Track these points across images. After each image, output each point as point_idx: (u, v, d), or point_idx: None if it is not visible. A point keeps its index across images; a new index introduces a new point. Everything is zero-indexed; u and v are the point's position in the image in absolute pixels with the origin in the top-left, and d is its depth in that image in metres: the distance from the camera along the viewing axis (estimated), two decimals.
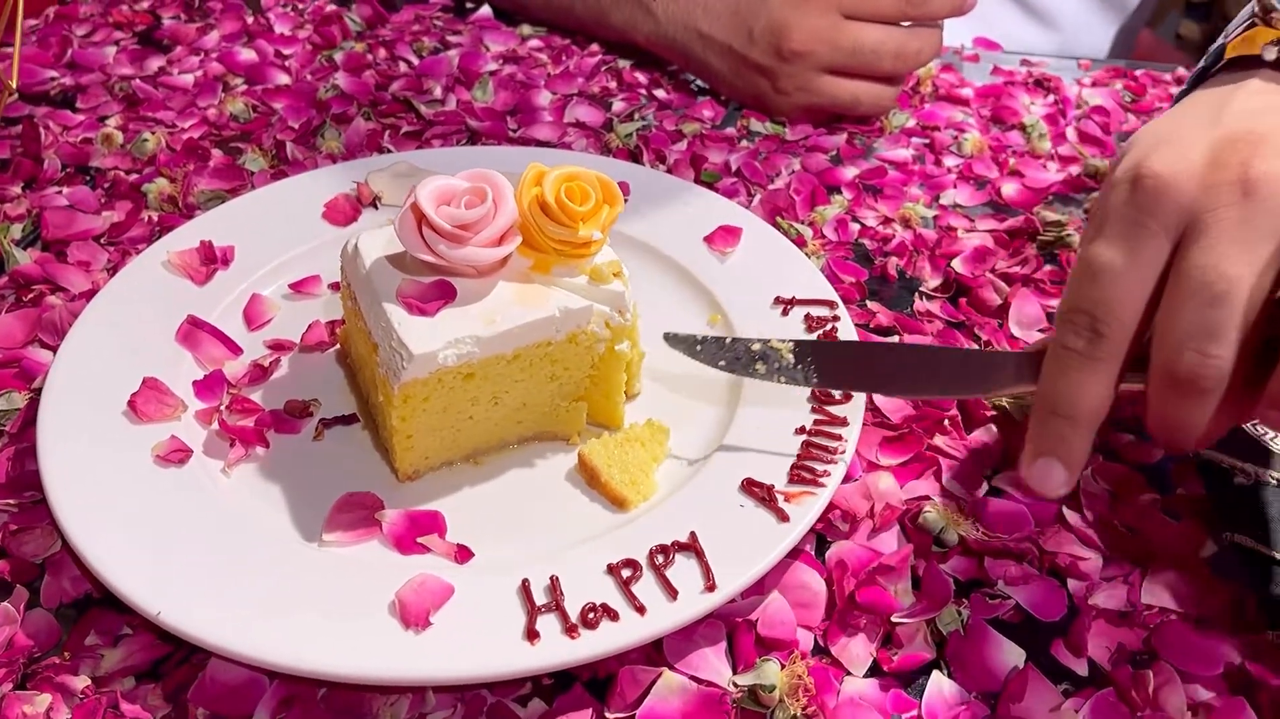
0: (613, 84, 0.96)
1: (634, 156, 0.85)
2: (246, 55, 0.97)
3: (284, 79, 0.94)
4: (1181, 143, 0.48)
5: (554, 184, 0.56)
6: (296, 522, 0.55)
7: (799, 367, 0.58)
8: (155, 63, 0.96)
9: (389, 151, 0.84)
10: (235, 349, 0.65)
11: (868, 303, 0.72)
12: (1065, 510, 0.58)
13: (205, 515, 0.54)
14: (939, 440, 0.62)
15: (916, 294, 0.73)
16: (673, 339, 0.60)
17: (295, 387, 0.63)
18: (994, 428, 0.63)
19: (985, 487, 0.60)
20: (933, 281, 0.74)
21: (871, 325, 0.70)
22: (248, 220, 0.73)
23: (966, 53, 1.05)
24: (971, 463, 0.61)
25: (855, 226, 0.79)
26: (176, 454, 0.57)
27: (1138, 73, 1.02)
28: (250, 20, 1.03)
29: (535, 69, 0.98)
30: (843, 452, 0.57)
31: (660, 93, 0.95)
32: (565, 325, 0.57)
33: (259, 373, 0.63)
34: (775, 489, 0.55)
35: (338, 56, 0.97)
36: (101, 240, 0.75)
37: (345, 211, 0.74)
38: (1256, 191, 0.44)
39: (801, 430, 0.59)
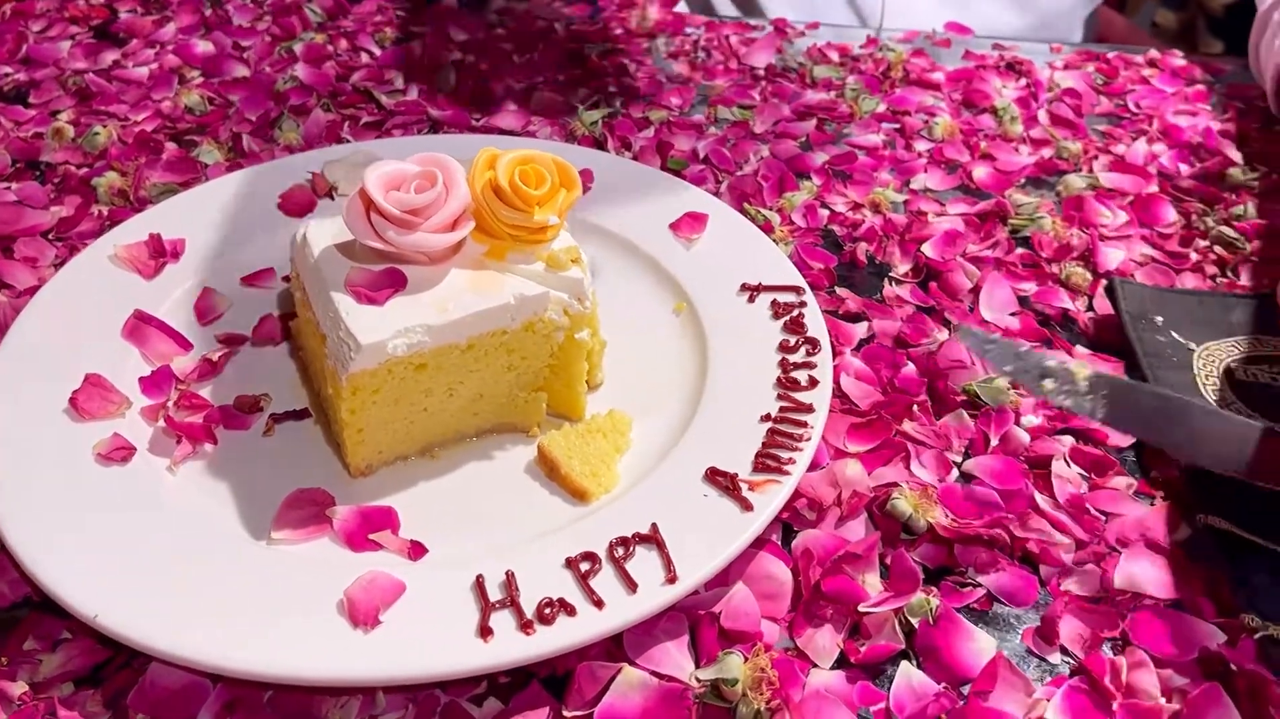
0: (578, 72, 0.94)
1: (599, 144, 0.83)
2: (204, 48, 0.95)
3: (242, 71, 0.92)
4: None
5: (508, 167, 0.54)
6: (245, 520, 0.53)
7: (1089, 396, 0.55)
8: (110, 56, 0.94)
9: (349, 142, 0.82)
10: (184, 344, 0.63)
11: (836, 289, 0.71)
12: (1037, 495, 0.56)
13: (149, 515, 0.52)
14: (908, 426, 0.60)
15: (886, 279, 0.72)
16: (964, 332, 0.60)
17: (246, 382, 0.61)
18: (964, 414, 0.61)
19: (955, 473, 0.58)
20: (902, 266, 0.73)
21: (840, 312, 0.69)
22: (200, 213, 0.71)
23: (938, 37, 1.04)
24: (941, 449, 0.59)
25: (824, 212, 0.77)
26: (119, 452, 0.55)
27: (1110, 55, 1.01)
28: (208, 13, 1.01)
29: (499, 58, 0.96)
30: (808, 439, 0.56)
31: (627, 80, 0.93)
32: (521, 313, 0.55)
33: (208, 368, 0.61)
34: (739, 478, 0.54)
35: (297, 48, 0.95)
36: (50, 236, 0.73)
37: (301, 203, 0.73)
38: None
39: (767, 418, 0.57)
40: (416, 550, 0.52)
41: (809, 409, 0.57)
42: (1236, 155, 0.84)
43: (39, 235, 0.72)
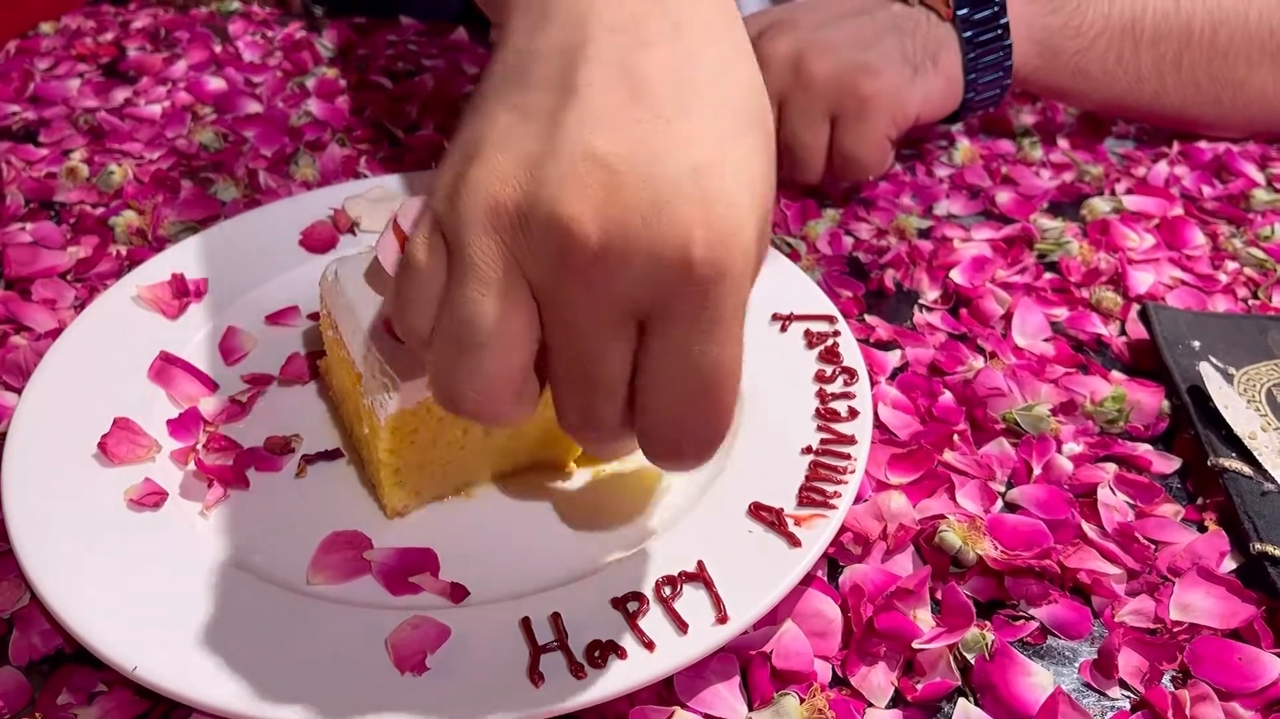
0: None
1: None
2: (215, 84, 0.95)
3: (255, 107, 0.92)
4: None
5: None
6: (281, 564, 0.52)
7: None
8: (121, 94, 0.94)
9: (365, 177, 0.81)
10: (211, 385, 0.62)
11: (866, 317, 0.70)
12: (1084, 524, 0.55)
13: (183, 561, 0.51)
14: (949, 456, 0.59)
15: (916, 306, 0.71)
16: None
17: (275, 422, 0.60)
18: (1004, 442, 0.60)
19: (1000, 503, 0.57)
20: (931, 293, 0.72)
21: (871, 340, 0.68)
22: (221, 251, 0.70)
23: None
24: (984, 479, 0.58)
25: (848, 240, 0.77)
26: (151, 497, 0.54)
27: None
28: (218, 49, 1.01)
29: None
30: (852, 471, 0.55)
31: None
32: None
33: (236, 409, 0.60)
34: (785, 513, 0.53)
35: (309, 83, 0.95)
36: (68, 277, 0.72)
37: (323, 239, 0.72)
38: None
39: (808, 450, 0.56)
40: (458, 593, 0.51)
41: (851, 440, 0.56)
42: (1259, 176, 0.84)
43: (57, 277, 0.72)
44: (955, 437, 0.60)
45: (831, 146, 0.77)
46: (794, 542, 0.51)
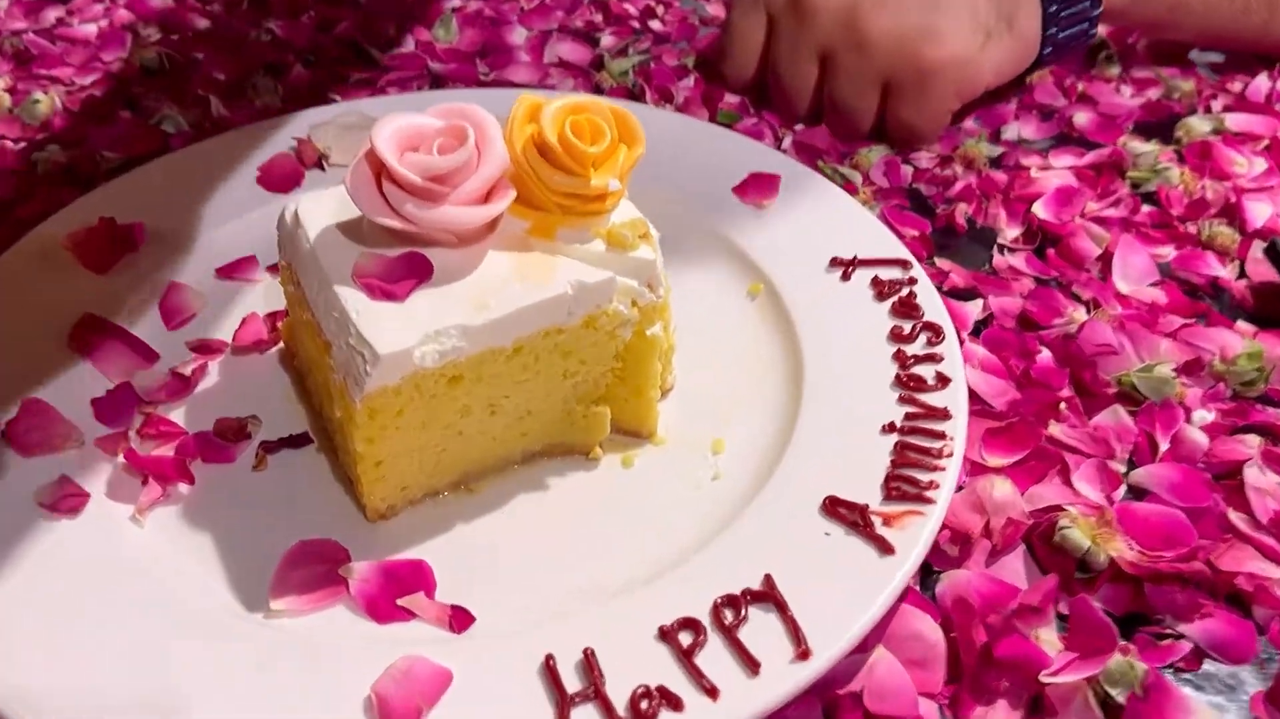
0: (598, 17, 0.81)
1: (633, 96, 0.71)
2: (160, 1, 0.82)
3: (205, 24, 0.79)
4: None
5: (556, 118, 0.42)
6: (234, 584, 0.41)
7: None
8: (53, 13, 0.81)
9: (336, 102, 0.69)
10: (149, 355, 0.50)
11: (936, 260, 0.59)
12: (1232, 514, 0.45)
13: (110, 581, 0.40)
14: (1056, 429, 0.49)
15: (994, 247, 0.60)
16: None
17: (228, 400, 0.49)
18: (1120, 410, 0.49)
19: (1123, 487, 0.47)
20: (1011, 231, 0.61)
21: (945, 287, 0.57)
22: (162, 191, 0.58)
23: None
24: (1102, 458, 0.47)
25: (907, 170, 0.65)
26: (68, 500, 0.43)
27: None
28: None
29: (506, 3, 0.83)
30: (949, 453, 0.44)
31: (655, 24, 0.81)
32: (580, 306, 0.43)
33: (180, 385, 0.49)
34: (870, 509, 0.42)
35: None
36: None
37: (285, 174, 0.60)
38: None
39: (891, 428, 0.45)
40: (460, 619, 0.40)
41: (943, 414, 0.45)
42: None
43: None
44: (1062, 405, 0.49)
45: (886, 114, 0.66)
46: (885, 547, 0.40)
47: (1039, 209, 0.61)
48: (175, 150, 0.62)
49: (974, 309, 0.55)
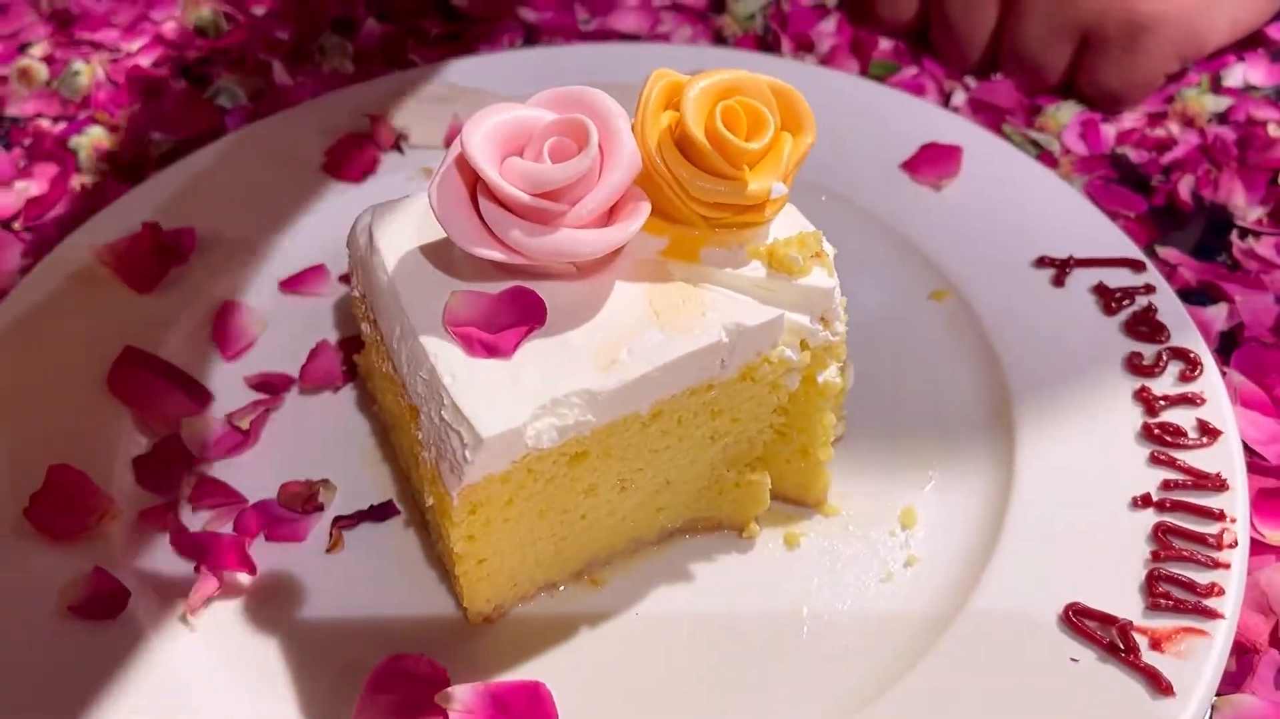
0: None
1: (766, 46, 0.59)
2: None
3: None
4: None
5: (702, 103, 0.32)
6: (306, 710, 0.33)
7: None
8: None
9: (416, 65, 0.58)
10: (201, 397, 0.42)
11: (1159, 249, 0.47)
12: None
13: (150, 700, 0.32)
14: None
15: (1232, 230, 0.48)
16: None
17: (296, 455, 0.40)
18: None
19: None
20: (1253, 210, 0.49)
21: (1175, 285, 0.45)
22: (216, 184, 0.49)
23: None
24: None
25: (1109, 131, 0.53)
26: (103, 601, 0.34)
27: None
28: None
29: None
30: (1232, 543, 0.33)
31: None
32: (738, 355, 0.33)
33: (238, 439, 0.40)
34: (1132, 626, 0.31)
35: None
36: (15, 225, 0.51)
37: (357, 159, 0.50)
38: None
39: (1146, 502, 0.34)
40: None
41: (1218, 484, 0.34)
42: None
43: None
44: None
45: (1080, 70, 0.53)
46: (1158, 683, 0.30)
47: None
48: (231, 131, 0.53)
49: (1216, 316, 0.44)
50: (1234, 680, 0.33)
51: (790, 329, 0.33)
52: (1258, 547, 0.36)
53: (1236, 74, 0.57)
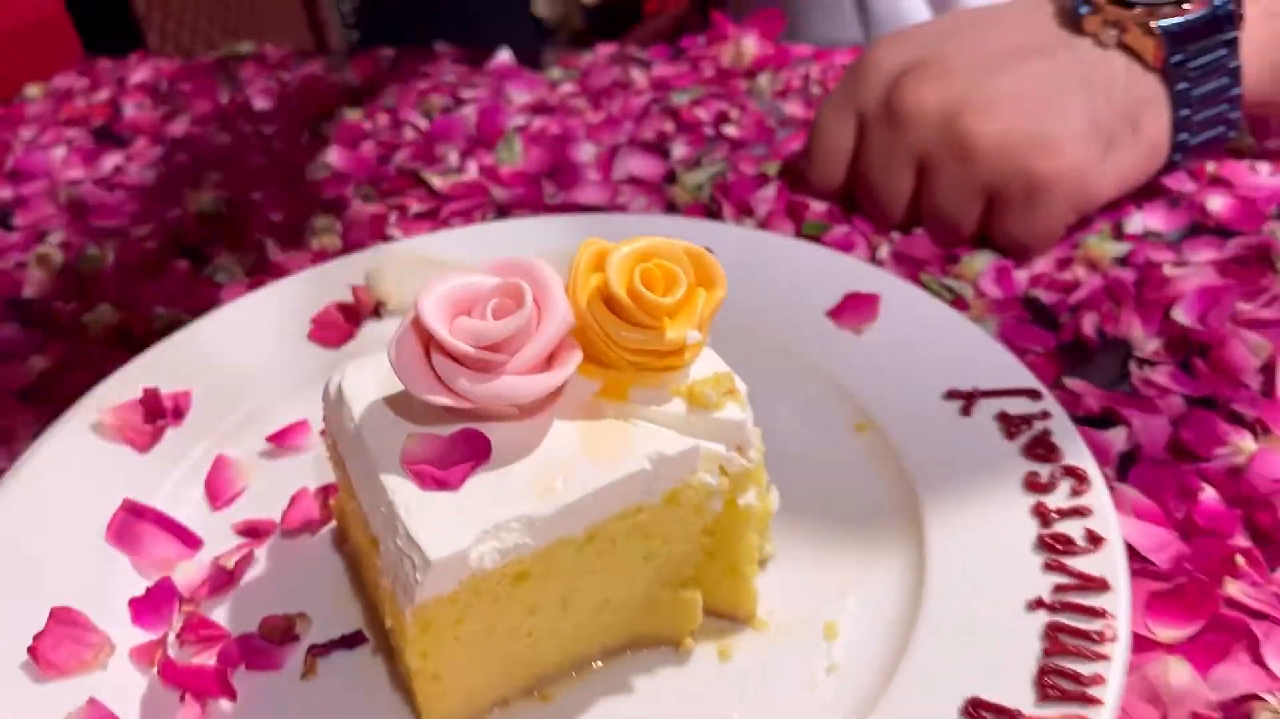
0: (669, 126, 0.77)
1: (711, 213, 0.66)
2: (220, 139, 0.80)
3: (264, 162, 0.77)
4: None
5: (623, 267, 0.37)
6: None
7: None
8: (111, 161, 0.79)
9: (396, 239, 0.65)
10: (191, 542, 0.46)
11: (1065, 381, 0.51)
12: None
13: None
14: (1234, 589, 0.41)
15: (1131, 361, 0.52)
16: None
17: (276, 593, 0.44)
18: None
19: None
20: (1150, 342, 0.53)
21: (1079, 413, 0.49)
22: (208, 353, 0.54)
23: None
24: None
25: (1021, 276, 0.58)
26: None
27: None
28: (225, 99, 0.86)
29: (571, 118, 0.79)
30: (1113, 637, 0.36)
31: (730, 130, 0.76)
32: (661, 481, 0.37)
33: (223, 578, 0.44)
34: (1023, 715, 0.35)
35: (328, 129, 0.79)
36: (29, 397, 0.57)
37: (339, 327, 0.56)
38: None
39: (1039, 604, 0.38)
40: None
41: (1101, 585, 0.38)
42: None
43: (15, 397, 0.56)
44: (1238, 558, 0.42)
45: (990, 225, 0.59)
46: None
47: (1179, 314, 0.54)
48: (225, 304, 0.59)
49: (1116, 438, 0.48)
50: None
51: (708, 457, 0.38)
52: (1149, 644, 0.39)
53: (1137, 221, 0.62)
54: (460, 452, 0.36)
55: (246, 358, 0.54)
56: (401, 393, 0.39)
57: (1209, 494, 0.45)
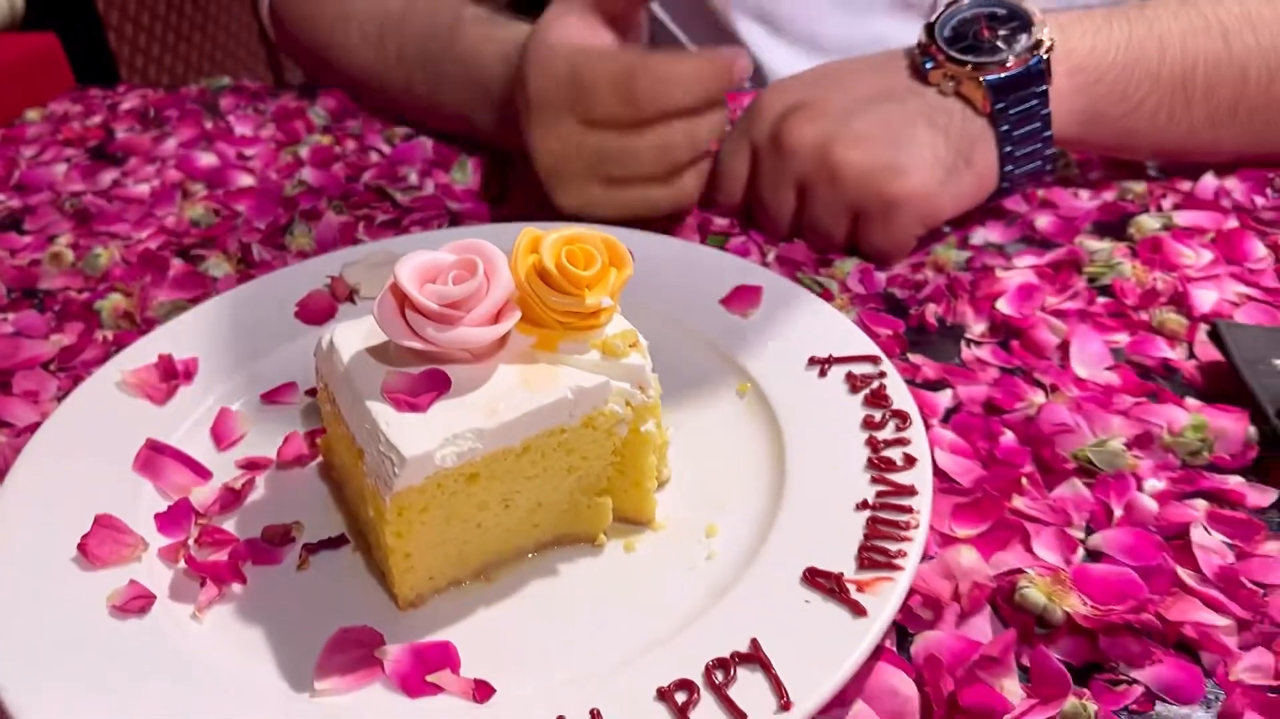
0: None
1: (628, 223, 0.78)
2: (206, 160, 0.91)
3: (247, 180, 0.88)
4: None
5: (553, 248, 0.49)
6: (284, 669, 0.47)
7: None
8: (108, 176, 0.90)
9: (365, 243, 0.76)
10: (203, 473, 0.56)
11: (909, 355, 0.64)
12: (1180, 570, 0.49)
13: (174, 671, 0.45)
14: (1019, 503, 0.53)
15: (962, 341, 0.66)
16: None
17: (274, 510, 0.55)
18: (1078, 483, 0.54)
19: (1081, 552, 0.51)
20: (978, 326, 0.67)
21: (919, 380, 0.62)
22: (211, 329, 0.65)
23: None
24: (1061, 525, 0.52)
25: (881, 276, 0.72)
26: (136, 602, 0.48)
27: None
28: (209, 125, 0.97)
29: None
30: (916, 525, 0.49)
31: None
32: (580, 408, 0.49)
33: (231, 498, 0.55)
34: (844, 578, 0.47)
35: (303, 152, 0.91)
36: (51, 367, 0.67)
37: (320, 309, 0.67)
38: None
39: (864, 505, 0.50)
40: (483, 691, 0.45)
41: (911, 491, 0.51)
42: None
43: (39, 367, 0.67)
44: (1023, 480, 0.55)
45: (857, 237, 0.73)
46: (858, 610, 0.45)
47: (1003, 305, 0.67)
48: (222, 293, 0.70)
49: (944, 398, 0.61)
50: (929, 625, 0.48)
51: (616, 392, 0.50)
52: (951, 540, 0.52)
53: (980, 234, 0.76)
54: (427, 384, 0.48)
55: (243, 332, 0.65)
56: (379, 345, 0.50)
57: (1008, 436, 0.58)
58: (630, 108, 0.67)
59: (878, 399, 0.57)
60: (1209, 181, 0.79)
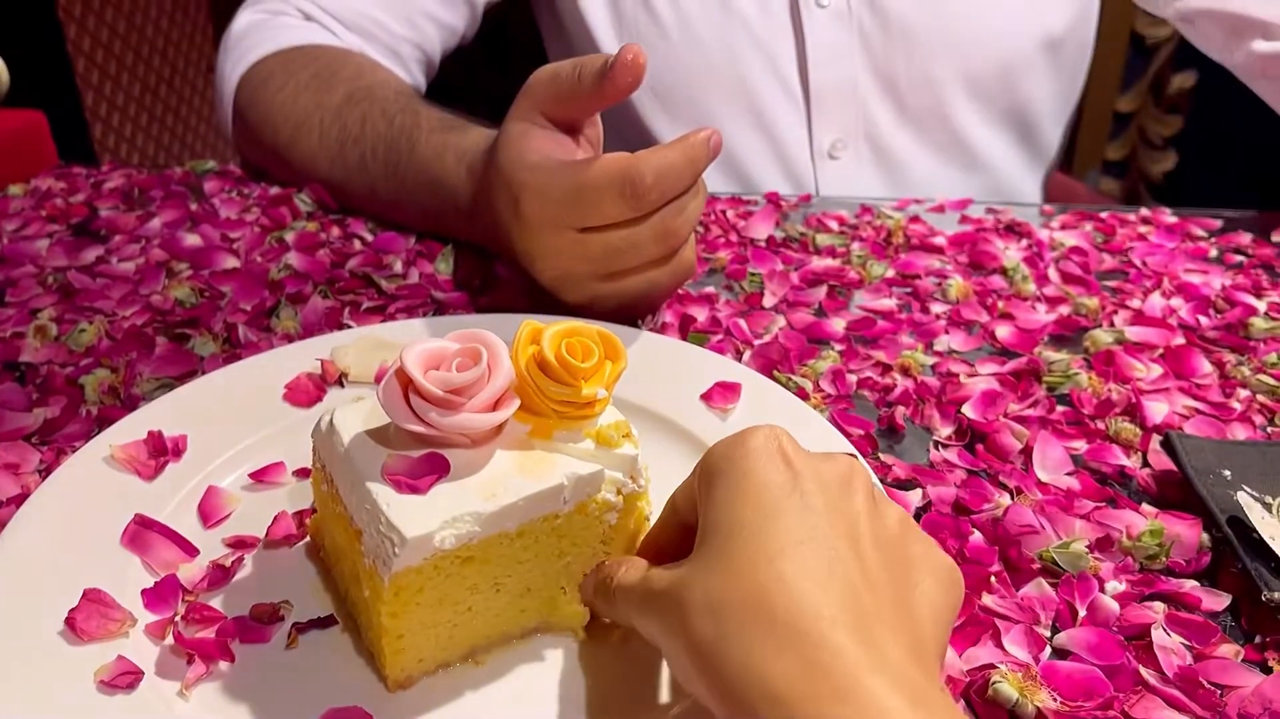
0: None
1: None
2: (191, 240, 0.92)
3: (232, 262, 0.89)
4: None
5: (553, 340, 0.51)
6: None
7: None
8: (92, 253, 0.91)
9: (351, 328, 0.78)
10: (190, 550, 0.57)
11: (881, 455, 0.67)
12: (1143, 670, 0.52)
13: None
14: (988, 600, 0.56)
15: (930, 443, 0.68)
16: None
17: (262, 588, 0.55)
18: (1044, 583, 0.57)
19: (1048, 649, 0.53)
20: (945, 429, 0.70)
21: (889, 479, 0.65)
22: (200, 407, 0.66)
23: (930, 204, 1.05)
24: (1029, 623, 0.55)
25: (853, 378, 0.75)
26: (124, 678, 0.48)
27: (1103, 215, 1.02)
28: (194, 207, 0.99)
29: None
30: None
31: None
32: (575, 495, 0.51)
33: (219, 575, 0.55)
34: None
35: (289, 237, 0.93)
36: (34, 440, 0.67)
37: (309, 391, 0.68)
38: None
39: None
40: None
41: None
42: (1259, 304, 0.84)
43: (21, 440, 0.67)
44: (992, 578, 0.57)
45: None
46: None
47: (968, 410, 0.70)
48: (209, 372, 0.71)
49: (915, 497, 0.63)
50: None
51: (609, 480, 0.52)
52: None
53: (944, 342, 0.80)
54: (427, 467, 0.50)
55: (231, 412, 0.66)
56: (379, 427, 0.52)
57: (976, 536, 0.60)
58: (636, 208, 0.69)
59: None
60: (1156, 301, 0.84)
